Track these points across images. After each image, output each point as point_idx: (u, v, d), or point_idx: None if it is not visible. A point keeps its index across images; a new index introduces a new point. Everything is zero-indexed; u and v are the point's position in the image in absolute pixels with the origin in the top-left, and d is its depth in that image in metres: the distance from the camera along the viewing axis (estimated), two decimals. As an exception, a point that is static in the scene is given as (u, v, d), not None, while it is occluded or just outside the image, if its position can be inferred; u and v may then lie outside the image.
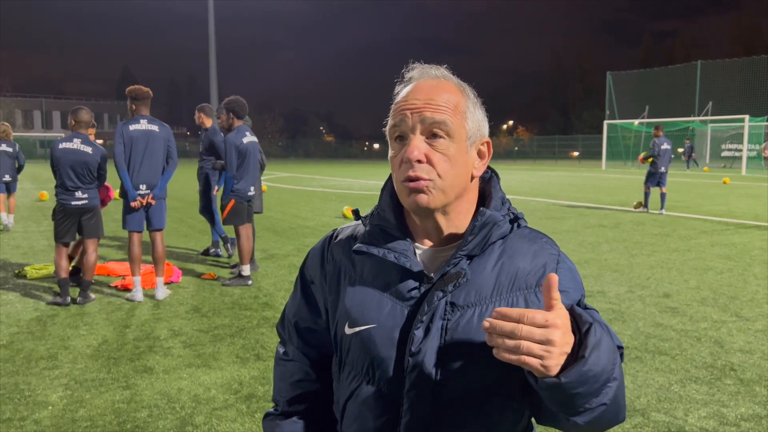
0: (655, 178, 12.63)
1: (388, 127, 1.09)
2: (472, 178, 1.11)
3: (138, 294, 5.69)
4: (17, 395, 3.60)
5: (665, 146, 12.63)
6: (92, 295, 5.75)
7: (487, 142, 1.13)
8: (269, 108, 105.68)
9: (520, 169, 40.90)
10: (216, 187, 7.65)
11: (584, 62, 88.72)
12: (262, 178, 7.34)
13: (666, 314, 5.17)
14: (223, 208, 6.35)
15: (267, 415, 1.32)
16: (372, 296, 1.11)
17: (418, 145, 1.03)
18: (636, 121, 39.08)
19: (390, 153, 1.10)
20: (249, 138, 6.27)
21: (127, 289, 6.03)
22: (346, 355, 1.13)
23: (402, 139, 1.07)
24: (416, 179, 1.04)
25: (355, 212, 1.20)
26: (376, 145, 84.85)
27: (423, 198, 1.05)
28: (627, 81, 45.84)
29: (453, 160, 1.05)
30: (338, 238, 1.22)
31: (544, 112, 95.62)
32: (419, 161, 1.03)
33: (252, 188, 6.35)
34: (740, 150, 34.78)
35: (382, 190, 1.16)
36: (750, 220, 11.38)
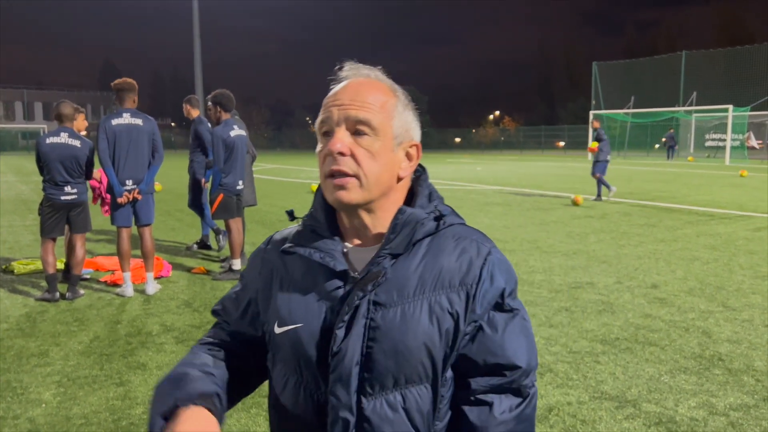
0: (602, 165, 13.31)
1: (316, 124, 1.11)
2: (399, 179, 1.11)
3: (128, 289, 5.66)
4: (9, 393, 3.58)
5: (606, 136, 13.67)
6: (81, 291, 5.71)
7: (417, 146, 1.14)
8: (255, 99, 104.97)
9: (507, 159, 41.07)
10: (204, 180, 7.58)
11: (570, 52, 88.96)
12: (252, 169, 7.30)
13: (654, 305, 5.24)
14: (212, 203, 6.31)
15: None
16: (299, 296, 1.12)
17: (341, 138, 1.05)
18: (622, 111, 39.37)
19: (317, 148, 1.10)
20: (236, 131, 6.22)
21: (116, 285, 6.00)
22: (278, 354, 1.14)
23: (329, 134, 1.08)
24: (339, 174, 1.05)
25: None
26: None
27: (344, 194, 1.05)
28: (613, 71, 46.03)
29: (377, 156, 1.06)
30: (275, 238, 1.23)
31: (530, 102, 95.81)
32: (342, 153, 1.04)
33: (240, 182, 6.32)
34: (724, 140, 35.15)
35: (316, 191, 1.16)
36: (734, 210, 11.54)
